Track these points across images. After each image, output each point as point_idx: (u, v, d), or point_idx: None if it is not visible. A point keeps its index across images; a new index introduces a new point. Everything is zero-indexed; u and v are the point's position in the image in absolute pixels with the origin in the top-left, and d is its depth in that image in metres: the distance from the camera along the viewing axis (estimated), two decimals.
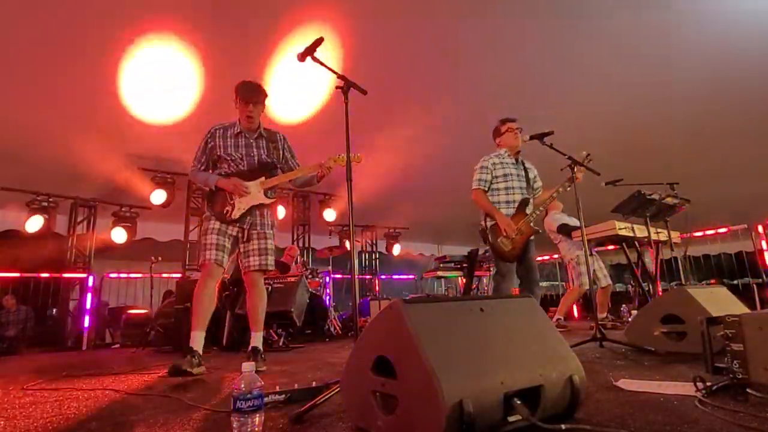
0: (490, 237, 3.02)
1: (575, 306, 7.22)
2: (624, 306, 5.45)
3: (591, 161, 3.10)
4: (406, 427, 1.11)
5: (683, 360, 2.21)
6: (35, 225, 6.09)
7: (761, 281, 6.18)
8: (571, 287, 5.05)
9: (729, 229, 6.67)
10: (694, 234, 6.32)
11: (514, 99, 4.68)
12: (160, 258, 5.94)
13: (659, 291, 4.30)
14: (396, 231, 9.71)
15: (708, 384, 1.50)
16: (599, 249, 5.12)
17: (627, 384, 1.71)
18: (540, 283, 3.66)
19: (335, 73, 2.08)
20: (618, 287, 8.21)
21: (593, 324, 2.98)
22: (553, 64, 4.31)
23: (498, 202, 3.09)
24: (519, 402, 1.10)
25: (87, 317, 6.20)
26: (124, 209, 6.87)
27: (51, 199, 6.28)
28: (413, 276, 10.43)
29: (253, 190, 2.71)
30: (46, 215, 6.16)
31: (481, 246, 5.18)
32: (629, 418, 1.27)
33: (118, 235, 6.73)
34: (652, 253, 4.45)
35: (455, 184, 4.11)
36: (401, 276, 10.47)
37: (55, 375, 2.79)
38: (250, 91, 2.70)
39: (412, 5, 3.53)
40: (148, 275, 5.92)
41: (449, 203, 7.11)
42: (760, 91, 4.74)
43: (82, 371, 2.96)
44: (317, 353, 3.68)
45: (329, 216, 7.64)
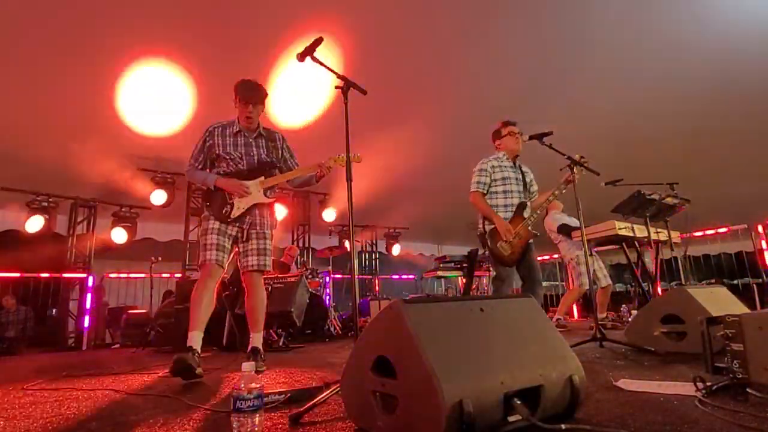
0: (489, 242, 3.01)
1: (575, 306, 7.22)
2: (624, 306, 5.45)
3: (586, 162, 3.09)
4: (406, 427, 1.11)
5: (683, 360, 2.21)
6: (35, 225, 6.09)
7: (761, 281, 6.16)
8: (571, 287, 5.06)
9: (729, 229, 6.66)
10: (694, 234, 6.32)
11: (514, 99, 4.67)
12: (160, 258, 5.94)
13: (659, 291, 4.30)
14: (396, 231, 9.71)
15: (708, 384, 1.50)
16: (599, 249, 5.12)
17: (627, 384, 1.71)
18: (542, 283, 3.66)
19: (335, 73, 2.07)
20: (618, 287, 8.20)
21: (593, 324, 2.98)
22: (554, 49, 4.21)
23: (496, 205, 3.08)
24: (519, 402, 1.10)
25: (87, 317, 6.20)
26: (124, 209, 6.87)
27: (51, 199, 6.28)
28: (413, 276, 10.41)
29: (253, 189, 2.69)
30: (46, 215, 6.16)
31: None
32: (629, 418, 1.27)
33: (118, 235, 6.73)
34: (652, 253, 4.45)
35: (455, 184, 4.11)
36: (401, 276, 10.46)
37: (55, 375, 2.78)
38: (250, 91, 2.64)
39: (414, 7, 3.53)
40: (148, 275, 5.91)
41: (449, 203, 7.08)
42: (760, 91, 4.74)
43: (82, 371, 2.96)
44: (317, 353, 3.68)
45: (329, 216, 7.64)
